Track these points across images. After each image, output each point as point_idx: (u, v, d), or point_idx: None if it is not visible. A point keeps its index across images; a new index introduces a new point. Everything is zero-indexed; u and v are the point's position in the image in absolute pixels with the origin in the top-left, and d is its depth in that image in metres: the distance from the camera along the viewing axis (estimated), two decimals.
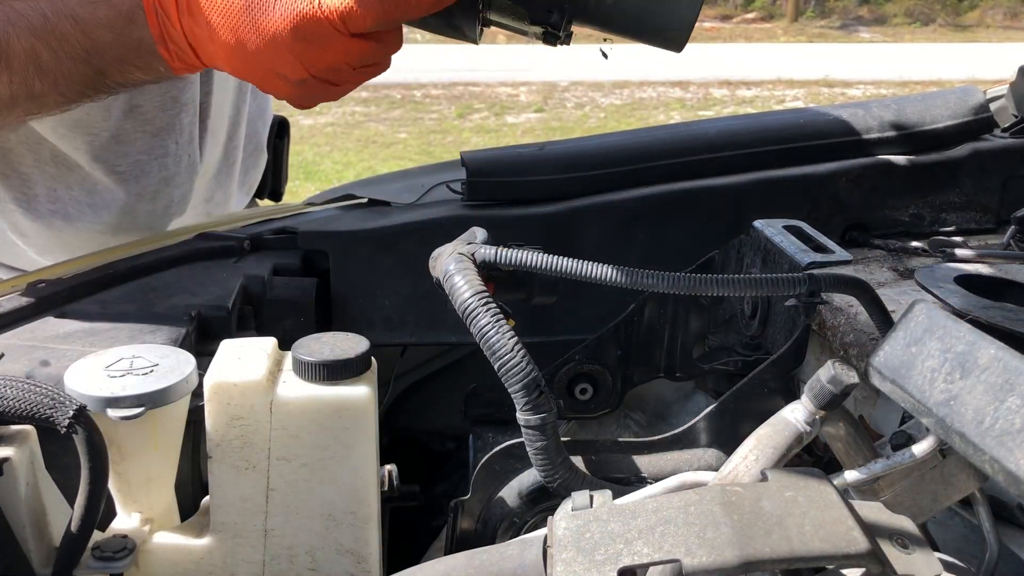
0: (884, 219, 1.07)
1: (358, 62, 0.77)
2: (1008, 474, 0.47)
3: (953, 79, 8.15)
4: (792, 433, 0.60)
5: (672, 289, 0.67)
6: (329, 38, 0.74)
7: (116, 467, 0.62)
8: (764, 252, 0.84)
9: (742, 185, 1.04)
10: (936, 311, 0.56)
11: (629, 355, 0.88)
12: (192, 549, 0.64)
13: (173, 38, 0.79)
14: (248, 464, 0.63)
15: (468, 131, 7.31)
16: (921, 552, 0.49)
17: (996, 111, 1.15)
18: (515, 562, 0.52)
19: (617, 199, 1.01)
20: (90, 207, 1.10)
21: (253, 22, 0.74)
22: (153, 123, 1.07)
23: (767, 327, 0.83)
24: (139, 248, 0.95)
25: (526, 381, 0.61)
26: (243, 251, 0.95)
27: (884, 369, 0.58)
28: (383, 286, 0.98)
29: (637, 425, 0.94)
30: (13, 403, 0.56)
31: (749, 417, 0.70)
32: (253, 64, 0.77)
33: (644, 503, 0.51)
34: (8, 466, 0.57)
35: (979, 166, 1.07)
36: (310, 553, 0.64)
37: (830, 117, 1.10)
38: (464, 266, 0.66)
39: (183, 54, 0.80)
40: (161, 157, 1.10)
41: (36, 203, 1.09)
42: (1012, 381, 0.49)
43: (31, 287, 0.81)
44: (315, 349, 0.63)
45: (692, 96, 8.65)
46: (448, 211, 1.00)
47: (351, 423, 0.62)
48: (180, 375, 0.61)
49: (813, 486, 0.51)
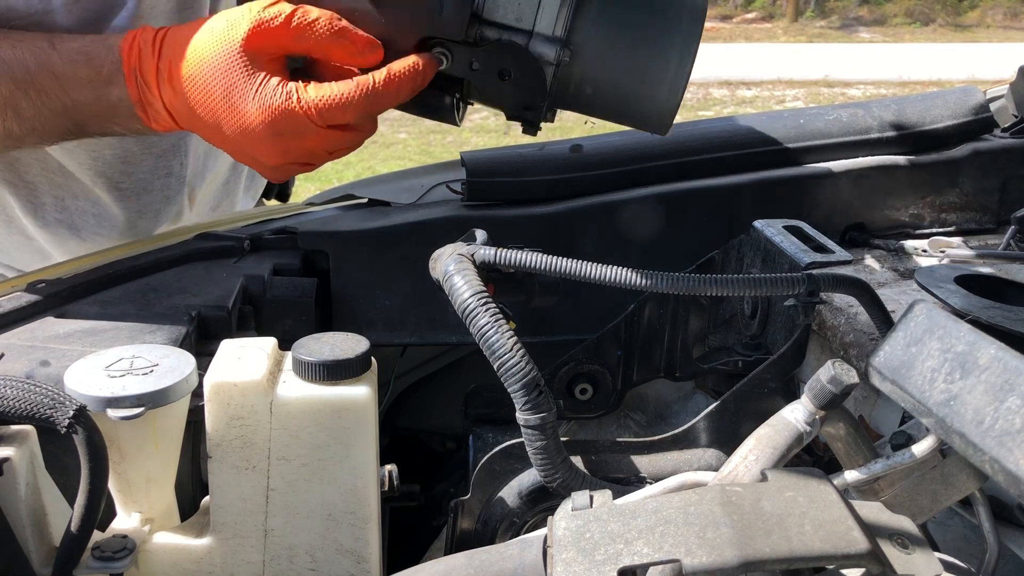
0: (884, 219, 1.07)
1: (334, 149, 0.78)
2: (1008, 474, 0.47)
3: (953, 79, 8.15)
4: (792, 433, 0.60)
5: (672, 289, 0.67)
6: (306, 130, 0.74)
7: (116, 467, 0.62)
8: (764, 252, 0.84)
9: (742, 185, 1.04)
10: (936, 311, 0.56)
11: (629, 355, 0.88)
12: (192, 549, 0.64)
13: (151, 103, 0.79)
14: (248, 464, 0.63)
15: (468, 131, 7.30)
16: (921, 552, 0.49)
17: (996, 111, 1.15)
18: (515, 562, 0.52)
19: (617, 199, 1.01)
20: (95, 218, 1.10)
21: (231, 109, 0.74)
22: (160, 144, 1.07)
23: (767, 327, 0.83)
24: (139, 248, 0.95)
25: (525, 381, 0.61)
26: (243, 251, 0.95)
27: (884, 369, 0.58)
28: (383, 286, 0.98)
29: (637, 425, 0.94)
30: (13, 403, 0.56)
31: (749, 417, 0.70)
32: (230, 145, 0.77)
33: (644, 503, 0.51)
34: (8, 466, 0.57)
35: (979, 166, 1.07)
36: (310, 553, 0.64)
37: (830, 117, 1.10)
38: (464, 267, 0.66)
39: (161, 119, 0.80)
40: (165, 177, 1.10)
41: (43, 211, 1.10)
42: (1012, 381, 0.49)
43: (31, 287, 0.81)
44: (315, 349, 0.63)
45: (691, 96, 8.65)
46: (448, 211, 1.00)
47: (351, 423, 0.62)
48: (180, 375, 0.61)
49: (813, 486, 0.51)
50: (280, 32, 0.73)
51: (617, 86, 0.78)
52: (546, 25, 0.75)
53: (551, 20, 0.74)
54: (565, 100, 0.80)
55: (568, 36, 0.75)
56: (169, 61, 0.76)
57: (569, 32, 0.75)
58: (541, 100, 0.78)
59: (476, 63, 0.76)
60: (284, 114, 0.73)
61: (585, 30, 0.76)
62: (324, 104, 0.73)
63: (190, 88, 0.75)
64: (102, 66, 0.78)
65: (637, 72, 0.76)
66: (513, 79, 0.76)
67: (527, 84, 0.76)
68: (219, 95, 0.74)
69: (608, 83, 0.78)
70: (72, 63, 0.79)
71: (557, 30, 0.75)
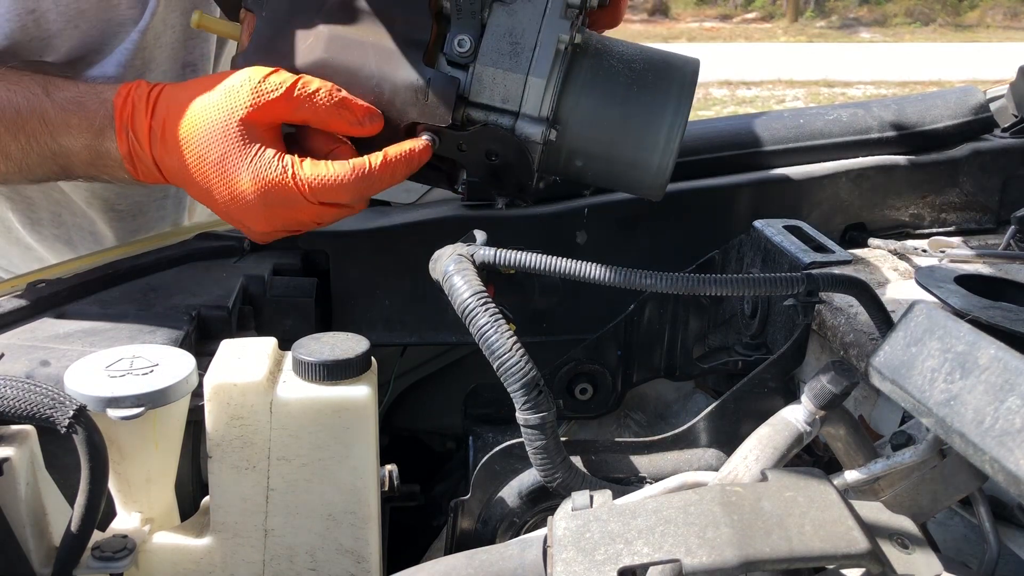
0: (884, 219, 1.07)
1: (323, 221, 0.78)
2: (1008, 474, 0.47)
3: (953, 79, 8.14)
4: (792, 433, 0.60)
5: (672, 289, 0.67)
6: (298, 205, 0.74)
7: (116, 467, 0.62)
8: (764, 252, 0.84)
9: (741, 185, 1.04)
10: (936, 311, 0.56)
11: (629, 355, 0.88)
12: (192, 549, 0.64)
13: (141, 159, 0.78)
14: (248, 464, 0.63)
15: None
16: (921, 552, 0.49)
17: (996, 111, 1.15)
18: (515, 562, 0.52)
19: (617, 199, 1.01)
20: (92, 236, 1.10)
21: (224, 176, 0.74)
22: None
23: (767, 327, 0.83)
24: (139, 248, 0.95)
25: (525, 380, 0.61)
26: (243, 251, 0.95)
27: (884, 369, 0.58)
28: (383, 286, 0.98)
29: (637, 425, 0.94)
30: (13, 403, 0.56)
31: (749, 417, 0.70)
32: (219, 208, 0.77)
33: (644, 503, 0.51)
34: (8, 466, 0.57)
35: (979, 166, 1.07)
36: (310, 553, 0.64)
37: (830, 117, 1.10)
38: (463, 267, 0.66)
39: (150, 174, 0.79)
40: (161, 199, 1.10)
41: (40, 226, 1.10)
42: (1012, 381, 0.49)
43: (31, 287, 0.81)
44: (315, 349, 0.63)
45: None
46: (448, 211, 1.00)
47: (351, 423, 0.62)
48: (180, 375, 0.61)
49: (813, 486, 0.51)
50: (279, 104, 0.73)
51: (607, 157, 0.78)
52: (532, 106, 0.75)
53: (537, 101, 0.75)
54: (556, 171, 0.81)
55: (555, 114, 0.76)
56: (163, 120, 0.75)
57: (556, 110, 0.76)
58: (528, 180, 0.78)
59: (464, 145, 0.76)
60: (278, 188, 0.73)
61: (571, 106, 0.76)
62: (319, 184, 0.73)
63: (185, 151, 0.74)
64: (94, 118, 0.78)
65: (627, 144, 0.77)
66: (501, 159, 0.76)
67: (515, 163, 0.76)
68: (213, 162, 0.74)
69: (598, 156, 0.78)
70: (64, 111, 0.78)
71: (543, 111, 0.75)
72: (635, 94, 0.76)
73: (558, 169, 0.80)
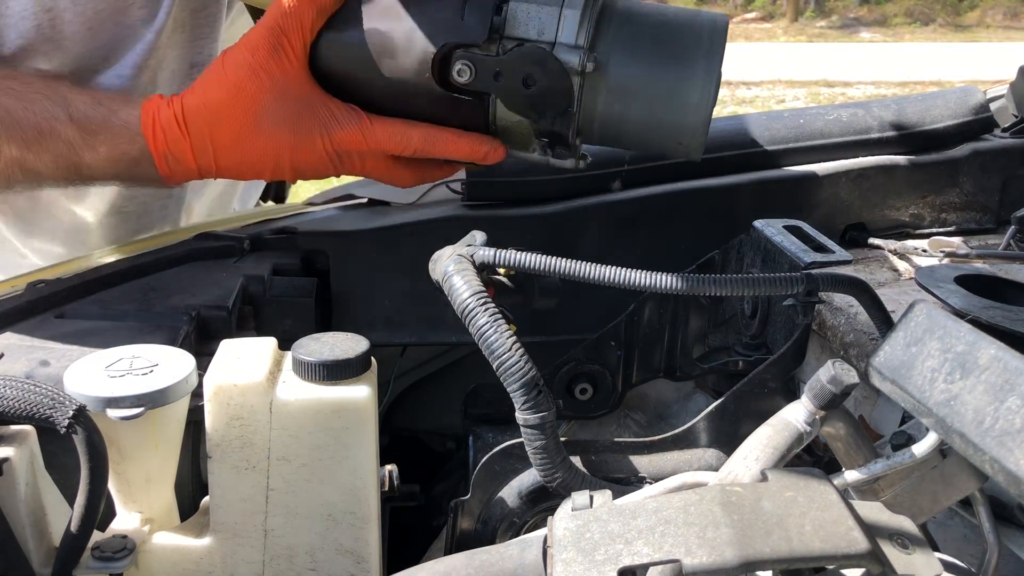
0: (884, 219, 1.07)
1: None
2: (1008, 474, 0.47)
3: (953, 79, 8.14)
4: (792, 433, 0.60)
5: (672, 289, 0.67)
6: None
7: (116, 467, 0.62)
8: (764, 252, 0.84)
9: (741, 185, 1.04)
10: (936, 311, 0.56)
11: (629, 355, 0.88)
12: (192, 549, 0.64)
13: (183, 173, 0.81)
14: (248, 464, 0.63)
15: None
16: (921, 552, 0.49)
17: (996, 111, 1.15)
18: (515, 562, 0.52)
19: (617, 199, 1.01)
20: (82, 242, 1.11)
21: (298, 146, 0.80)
22: None
23: (767, 327, 0.83)
24: (139, 248, 0.95)
25: (525, 380, 0.61)
26: (243, 251, 0.94)
27: (884, 369, 0.58)
28: (383, 286, 0.98)
29: (637, 425, 0.94)
30: (13, 403, 0.56)
31: (749, 417, 0.70)
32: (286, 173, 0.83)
33: (644, 503, 0.51)
34: (8, 466, 0.57)
35: (979, 166, 1.07)
36: (310, 553, 0.64)
37: (830, 117, 1.10)
38: (463, 267, 0.66)
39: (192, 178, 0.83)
40: (164, 199, 1.10)
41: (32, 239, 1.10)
42: (1012, 381, 0.49)
43: (31, 287, 0.81)
44: (315, 349, 0.63)
45: None
46: (448, 211, 1.00)
47: (351, 423, 0.62)
48: (180, 375, 0.61)
49: (813, 486, 0.51)
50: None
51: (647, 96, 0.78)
52: (568, 35, 0.75)
53: (573, 31, 0.75)
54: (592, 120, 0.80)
55: (591, 45, 0.76)
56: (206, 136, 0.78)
57: (592, 42, 0.76)
58: (568, 105, 0.77)
59: (500, 72, 0.76)
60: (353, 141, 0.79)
61: (609, 41, 0.77)
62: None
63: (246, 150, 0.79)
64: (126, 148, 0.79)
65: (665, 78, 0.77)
66: (539, 86, 0.76)
67: (553, 90, 0.76)
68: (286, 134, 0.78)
69: (636, 94, 0.78)
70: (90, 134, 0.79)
71: (580, 39, 0.75)
72: (668, 33, 0.78)
73: (597, 115, 0.80)
